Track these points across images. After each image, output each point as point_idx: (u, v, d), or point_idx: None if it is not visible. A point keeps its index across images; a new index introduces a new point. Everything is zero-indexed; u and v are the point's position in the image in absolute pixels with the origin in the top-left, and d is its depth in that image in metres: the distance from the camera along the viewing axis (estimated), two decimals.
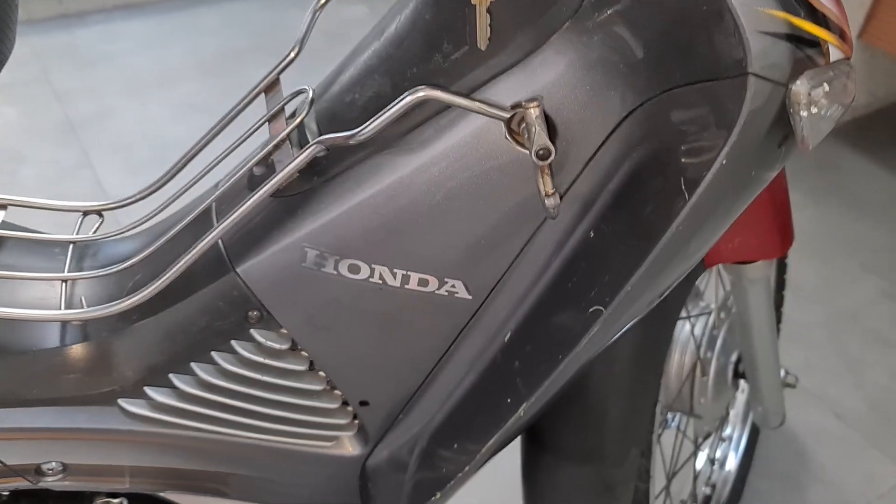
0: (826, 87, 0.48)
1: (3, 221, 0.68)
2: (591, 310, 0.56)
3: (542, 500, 0.80)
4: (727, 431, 1.33)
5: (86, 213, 0.72)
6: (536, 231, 0.59)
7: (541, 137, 0.51)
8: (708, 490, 1.27)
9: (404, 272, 0.62)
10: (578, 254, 0.58)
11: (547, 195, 0.52)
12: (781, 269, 1.21)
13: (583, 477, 0.77)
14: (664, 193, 0.52)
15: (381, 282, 0.62)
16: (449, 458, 0.67)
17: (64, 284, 0.66)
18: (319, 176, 0.61)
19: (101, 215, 0.73)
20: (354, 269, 0.62)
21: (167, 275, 0.61)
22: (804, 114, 0.48)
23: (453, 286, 0.62)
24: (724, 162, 0.49)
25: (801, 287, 1.80)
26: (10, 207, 0.69)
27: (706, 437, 1.16)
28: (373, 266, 0.62)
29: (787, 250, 0.83)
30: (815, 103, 0.48)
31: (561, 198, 0.54)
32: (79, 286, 0.67)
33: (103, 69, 2.45)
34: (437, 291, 0.63)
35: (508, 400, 0.62)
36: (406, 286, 0.62)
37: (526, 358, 0.62)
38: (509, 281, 0.62)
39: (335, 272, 0.62)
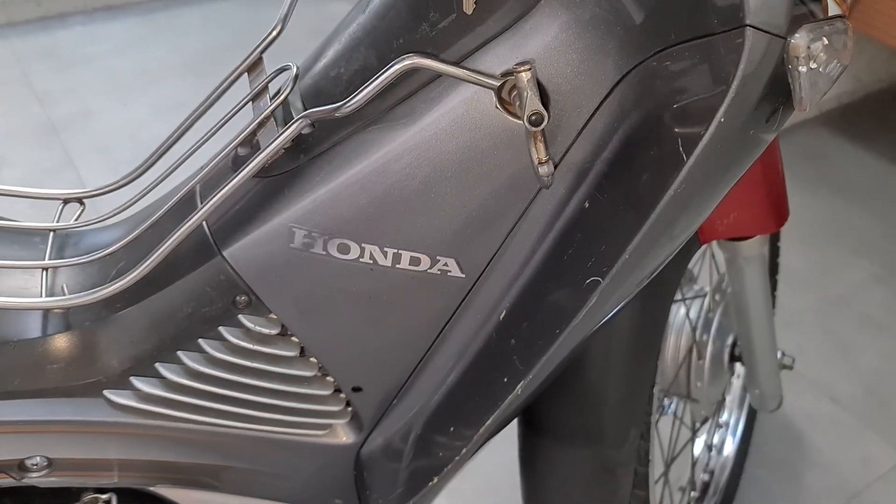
0: (825, 40, 0.47)
1: None
2: (588, 281, 0.54)
3: (542, 484, 0.79)
4: (724, 417, 1.32)
5: (66, 201, 0.70)
6: (530, 204, 0.58)
7: (533, 102, 0.49)
8: (706, 477, 1.26)
9: (395, 251, 0.60)
10: (574, 225, 0.57)
11: (540, 163, 0.51)
12: (774, 252, 1.20)
13: (582, 459, 0.76)
14: (661, 157, 0.51)
15: (371, 262, 0.60)
16: (445, 443, 0.65)
17: (45, 273, 0.64)
18: (306, 154, 0.60)
19: (82, 203, 0.71)
20: (344, 249, 0.60)
21: (150, 259, 0.59)
22: (803, 69, 0.46)
23: (446, 264, 0.61)
24: (722, 120, 0.47)
25: (793, 273, 1.79)
26: None
27: (703, 421, 1.15)
28: (363, 245, 0.60)
29: (782, 225, 0.82)
30: (814, 58, 0.46)
31: (555, 167, 0.53)
32: (60, 275, 0.65)
33: (84, 70, 2.42)
34: (429, 270, 0.61)
35: (505, 379, 0.60)
36: (397, 266, 0.61)
37: (522, 335, 0.60)
38: (503, 257, 0.60)
39: (324, 253, 0.60)
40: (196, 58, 2.50)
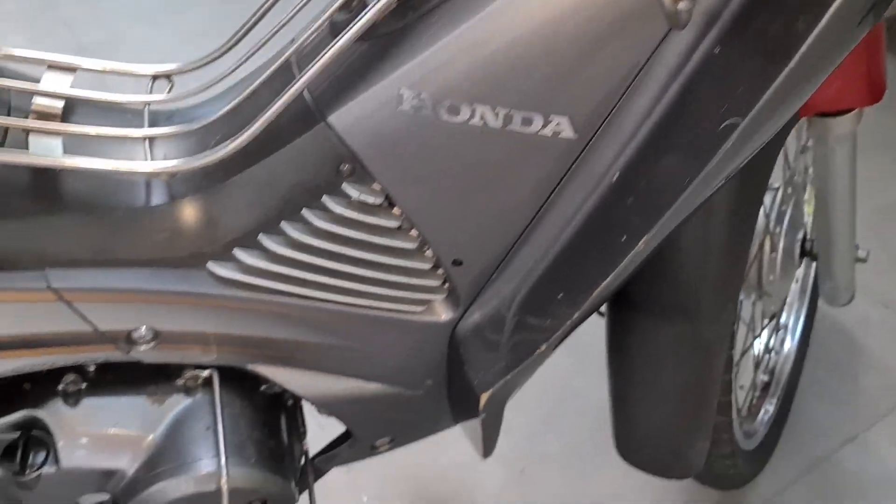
0: None
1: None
2: (724, 124, 0.53)
3: (634, 363, 0.78)
4: (783, 320, 1.32)
5: (155, 78, 0.69)
6: (652, 54, 0.56)
7: None
8: (766, 377, 1.26)
9: (507, 111, 0.59)
10: (703, 72, 0.55)
11: None
12: None
13: (678, 335, 0.75)
14: None
15: (482, 123, 0.59)
16: (553, 311, 0.65)
17: (147, 142, 0.63)
18: (414, 10, 0.58)
19: (170, 80, 0.70)
20: (454, 111, 0.59)
21: (254, 126, 0.58)
22: None
23: (558, 124, 0.59)
24: None
25: None
26: (78, 72, 0.66)
27: (771, 318, 1.15)
28: (474, 106, 0.58)
29: (880, 98, 0.79)
30: None
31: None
32: (160, 146, 0.64)
33: None
34: (540, 132, 0.59)
35: (623, 238, 0.59)
36: (508, 127, 0.59)
37: (641, 192, 0.59)
38: (619, 113, 0.59)
39: (433, 115, 0.59)
40: None
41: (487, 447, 0.76)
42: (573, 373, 1.37)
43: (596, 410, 1.34)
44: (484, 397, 0.69)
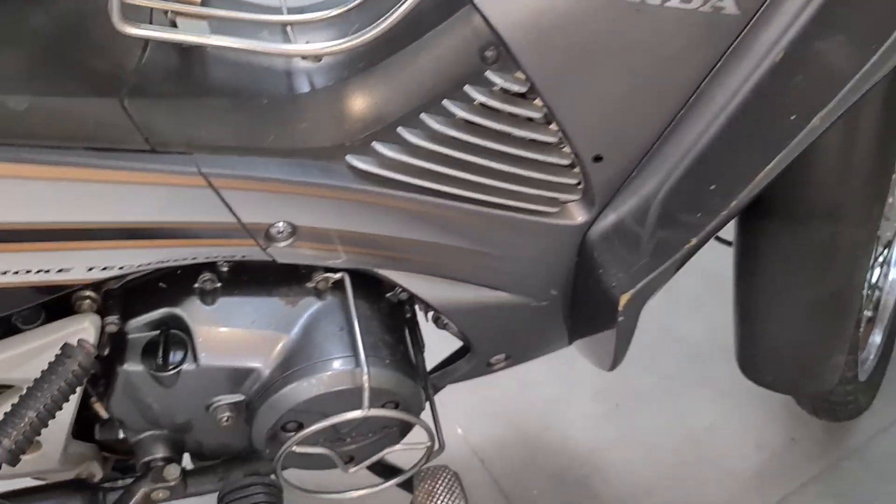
0: None
1: None
2: None
3: (769, 272, 0.75)
4: (887, 253, 1.27)
5: None
6: None
7: None
8: (870, 313, 1.22)
9: None
10: None
11: None
12: None
13: (821, 239, 0.72)
14: None
15: (639, 0, 0.56)
16: (705, 202, 0.62)
17: (287, 29, 0.62)
18: None
19: None
20: None
21: (399, 9, 0.56)
22: None
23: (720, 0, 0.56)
24: None
25: None
26: None
27: (886, 246, 1.10)
28: None
29: None
30: None
31: None
32: (300, 35, 0.62)
33: None
34: (700, 8, 0.56)
35: (793, 117, 0.56)
36: (667, 3, 0.56)
37: (813, 68, 0.56)
38: None
39: None
40: None
41: (618, 356, 0.74)
42: (664, 310, 1.35)
43: (688, 347, 1.33)
44: (624, 298, 0.66)
